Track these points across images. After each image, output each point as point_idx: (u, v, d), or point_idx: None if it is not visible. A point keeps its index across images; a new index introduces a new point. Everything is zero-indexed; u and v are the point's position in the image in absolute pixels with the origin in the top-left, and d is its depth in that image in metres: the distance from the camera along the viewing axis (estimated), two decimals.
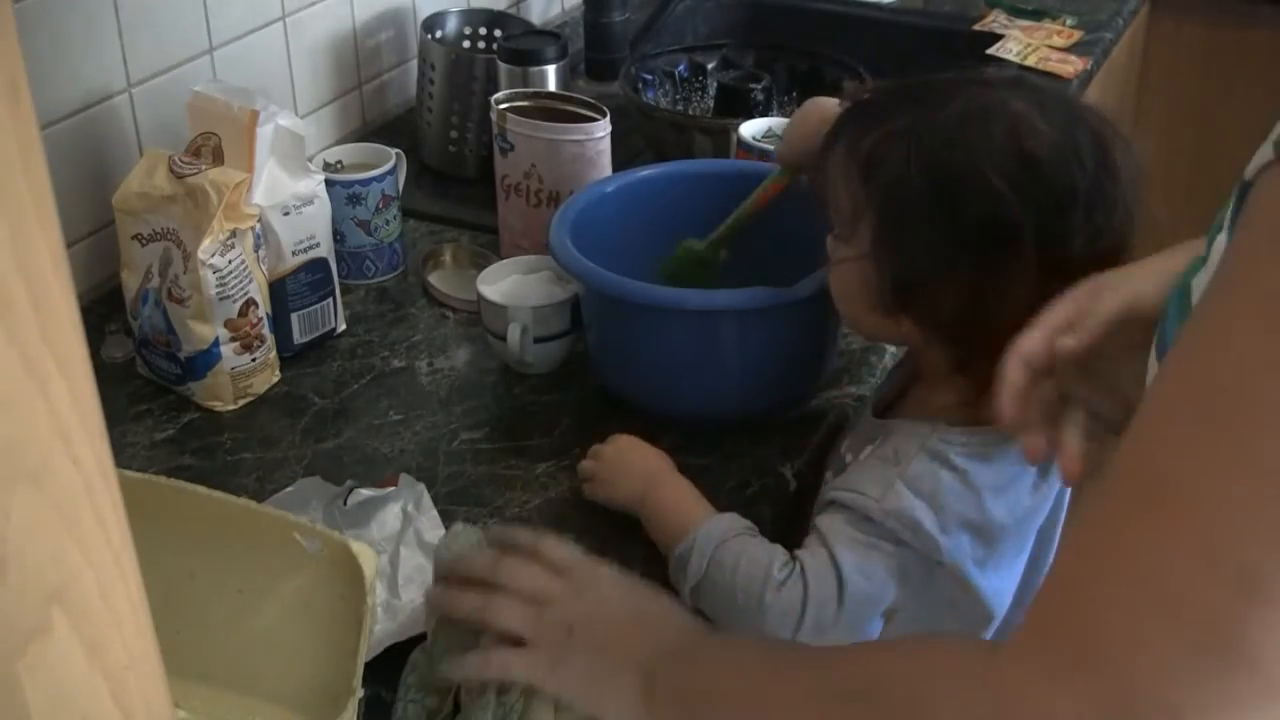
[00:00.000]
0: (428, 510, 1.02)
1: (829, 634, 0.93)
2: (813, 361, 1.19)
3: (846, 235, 0.98)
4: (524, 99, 1.37)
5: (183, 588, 0.84)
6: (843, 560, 0.93)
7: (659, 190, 1.29)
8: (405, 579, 0.97)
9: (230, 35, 1.44)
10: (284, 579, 0.84)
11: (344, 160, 1.42)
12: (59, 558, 0.41)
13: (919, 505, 0.93)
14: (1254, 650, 0.52)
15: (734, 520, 0.99)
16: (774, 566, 0.94)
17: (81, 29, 1.27)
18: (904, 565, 0.95)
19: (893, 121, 0.95)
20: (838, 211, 0.98)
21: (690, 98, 1.78)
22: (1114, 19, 2.01)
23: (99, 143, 1.31)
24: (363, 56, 1.66)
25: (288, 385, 1.24)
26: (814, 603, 0.92)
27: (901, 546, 0.94)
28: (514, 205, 1.36)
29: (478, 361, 1.28)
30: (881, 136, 0.94)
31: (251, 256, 1.17)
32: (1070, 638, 0.58)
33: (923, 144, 0.92)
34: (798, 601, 0.92)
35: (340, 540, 0.81)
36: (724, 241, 1.23)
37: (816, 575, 0.93)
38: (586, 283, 1.15)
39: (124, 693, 0.45)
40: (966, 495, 0.94)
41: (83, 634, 0.43)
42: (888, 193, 0.94)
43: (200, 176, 1.14)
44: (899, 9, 2.08)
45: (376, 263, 1.40)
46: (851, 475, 0.98)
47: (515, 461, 1.14)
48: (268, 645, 0.84)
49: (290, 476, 1.11)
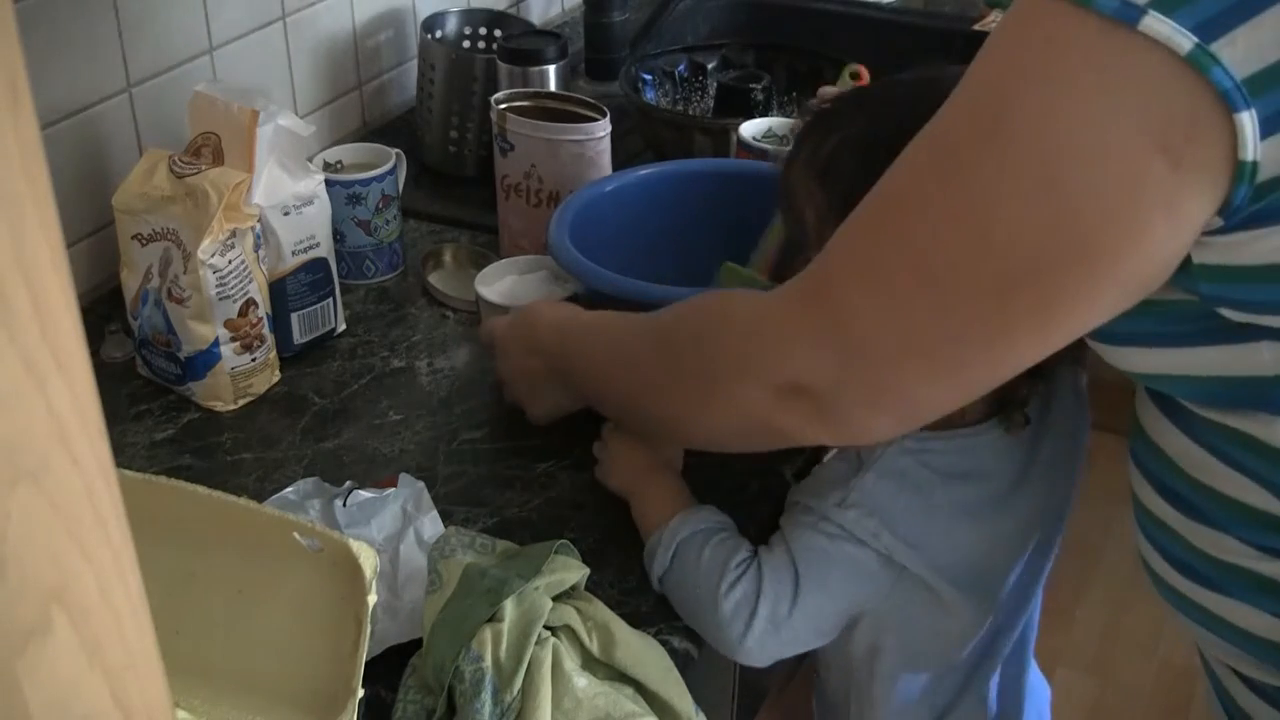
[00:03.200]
0: (428, 510, 1.02)
1: (783, 631, 0.94)
2: None
3: (814, 245, 0.94)
4: (524, 99, 1.37)
5: (183, 588, 0.84)
6: (800, 558, 0.94)
7: (658, 190, 1.29)
8: (405, 579, 0.97)
9: (230, 35, 1.44)
10: (284, 579, 0.83)
11: (344, 160, 1.42)
12: (59, 558, 0.41)
13: (879, 507, 0.94)
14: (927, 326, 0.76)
15: (708, 514, 1.00)
16: (732, 561, 0.95)
17: (81, 29, 1.27)
18: (865, 567, 0.95)
19: (848, 127, 0.95)
20: (803, 226, 0.97)
21: (690, 98, 1.78)
22: None
23: (99, 143, 1.31)
24: (363, 56, 1.66)
25: (288, 385, 1.24)
26: (767, 598, 0.94)
27: (862, 547, 0.94)
28: (514, 205, 1.36)
29: (478, 361, 1.28)
30: (838, 143, 0.94)
31: (251, 256, 1.17)
32: (820, 290, 0.80)
33: (879, 142, 0.90)
34: (751, 596, 0.94)
35: (340, 540, 0.81)
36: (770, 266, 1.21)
37: (773, 571, 0.94)
38: (586, 282, 1.15)
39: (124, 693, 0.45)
40: (928, 502, 0.94)
41: (83, 634, 0.43)
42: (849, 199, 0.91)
43: (200, 176, 1.14)
44: (899, 9, 2.08)
45: (376, 263, 1.40)
46: (815, 476, 0.99)
47: (515, 461, 1.14)
48: (268, 645, 0.84)
49: (290, 476, 1.11)
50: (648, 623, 0.96)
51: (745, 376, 0.84)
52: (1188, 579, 0.85)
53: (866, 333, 0.78)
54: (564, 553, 0.92)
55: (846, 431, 0.83)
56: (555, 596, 0.89)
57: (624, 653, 0.88)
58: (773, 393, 0.83)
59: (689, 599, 0.97)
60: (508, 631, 0.85)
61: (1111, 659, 2.28)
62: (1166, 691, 2.24)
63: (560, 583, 0.90)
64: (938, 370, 0.78)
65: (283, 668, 0.83)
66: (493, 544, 0.94)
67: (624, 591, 1.00)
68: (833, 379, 0.79)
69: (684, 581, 0.97)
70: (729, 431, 0.91)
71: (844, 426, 0.82)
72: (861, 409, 0.81)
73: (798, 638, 0.96)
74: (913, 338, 0.77)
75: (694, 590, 0.96)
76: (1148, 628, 2.34)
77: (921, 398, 0.80)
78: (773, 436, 0.87)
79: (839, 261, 0.80)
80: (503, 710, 0.83)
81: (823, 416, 0.82)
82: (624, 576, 1.01)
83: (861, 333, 0.78)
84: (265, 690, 0.83)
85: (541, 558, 0.90)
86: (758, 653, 0.95)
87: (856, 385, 0.80)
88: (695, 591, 0.96)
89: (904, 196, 0.77)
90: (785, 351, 0.82)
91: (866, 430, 0.82)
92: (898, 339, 0.77)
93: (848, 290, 0.78)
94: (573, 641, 0.88)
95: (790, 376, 0.81)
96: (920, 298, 0.75)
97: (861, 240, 0.79)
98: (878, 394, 0.80)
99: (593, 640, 0.88)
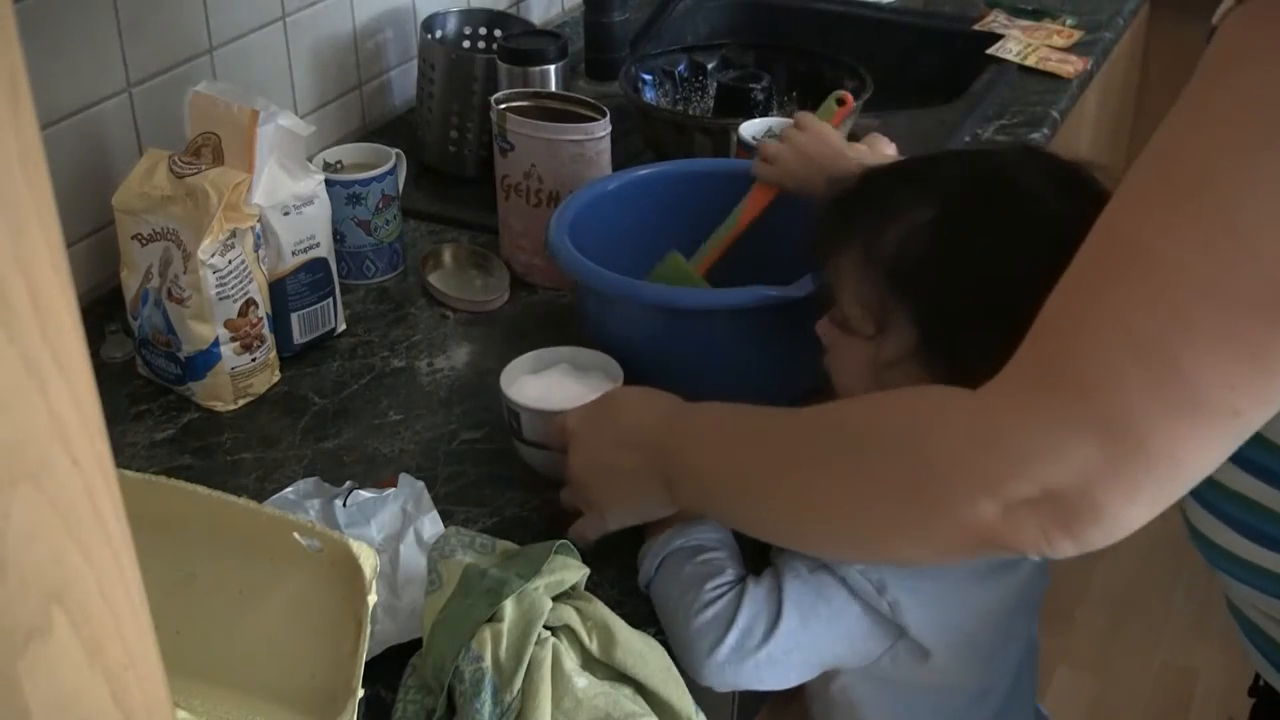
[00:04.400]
0: (428, 510, 1.02)
1: (746, 662, 0.91)
2: (811, 361, 1.19)
3: (868, 333, 0.93)
4: (524, 99, 1.37)
5: (183, 588, 0.84)
6: (787, 595, 0.92)
7: (658, 190, 1.29)
8: (405, 579, 0.97)
9: (230, 35, 1.44)
10: (284, 579, 0.83)
11: (344, 160, 1.42)
12: (59, 558, 0.41)
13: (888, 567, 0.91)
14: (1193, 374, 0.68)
15: (704, 530, 0.97)
16: (713, 581, 0.93)
17: (81, 28, 1.27)
18: (855, 627, 0.93)
19: (906, 214, 0.90)
20: (849, 305, 0.94)
21: (690, 98, 1.78)
22: (1114, 19, 2.01)
23: (99, 143, 1.31)
24: (363, 56, 1.66)
25: (288, 385, 1.24)
26: (739, 626, 0.91)
27: (855, 603, 0.92)
28: (514, 205, 1.36)
29: (477, 361, 1.28)
30: (905, 236, 0.90)
31: (251, 256, 1.17)
32: (1055, 374, 0.71)
33: (949, 242, 0.88)
34: (724, 619, 0.91)
35: (340, 540, 0.81)
36: (709, 265, 1.22)
37: (754, 601, 0.92)
38: (586, 282, 1.14)
39: (124, 693, 0.45)
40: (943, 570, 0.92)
41: (83, 634, 0.43)
42: (929, 302, 0.89)
43: (200, 176, 1.14)
44: (899, 9, 2.08)
45: (376, 263, 1.40)
46: None
47: (515, 461, 1.14)
48: (268, 645, 0.84)
49: (290, 476, 1.11)
50: (648, 623, 0.96)
51: (979, 492, 0.73)
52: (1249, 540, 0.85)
53: (1129, 402, 0.69)
54: (564, 553, 0.91)
55: (1096, 533, 0.72)
56: (555, 596, 0.89)
57: (624, 653, 0.88)
58: (1009, 506, 0.72)
59: (666, 612, 0.96)
60: (508, 631, 0.85)
61: (1111, 659, 2.28)
62: (1166, 691, 2.24)
63: (560, 583, 0.90)
64: (1213, 426, 0.70)
65: (283, 668, 0.83)
66: (493, 544, 0.94)
67: (624, 591, 1.00)
68: (1091, 471, 0.70)
69: (665, 592, 0.96)
70: (937, 551, 0.79)
71: (1092, 529, 0.72)
72: (1119, 500, 0.71)
73: (759, 674, 0.92)
74: (1180, 391, 0.68)
75: (671, 604, 0.95)
76: (1148, 628, 2.34)
77: (1189, 464, 0.71)
78: (989, 553, 0.76)
79: (1070, 333, 0.71)
80: (503, 710, 0.83)
81: (1069, 522, 0.71)
82: (624, 576, 1.01)
83: (1124, 403, 0.69)
84: (265, 690, 0.83)
85: (541, 558, 0.90)
86: (717, 677, 0.92)
87: (1119, 471, 0.70)
88: (670, 603, 0.95)
89: (1136, 239, 0.70)
90: (1033, 455, 0.71)
91: (1118, 527, 0.72)
92: (1163, 399, 0.69)
93: (1098, 358, 0.70)
94: (573, 641, 0.88)
95: (1042, 483, 0.71)
96: (1187, 344, 0.68)
97: (1098, 304, 0.71)
98: (1142, 474, 0.70)
99: (593, 640, 0.88)
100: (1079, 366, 0.70)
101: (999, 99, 1.76)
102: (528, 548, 0.94)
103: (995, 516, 0.73)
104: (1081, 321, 0.71)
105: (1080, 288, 0.72)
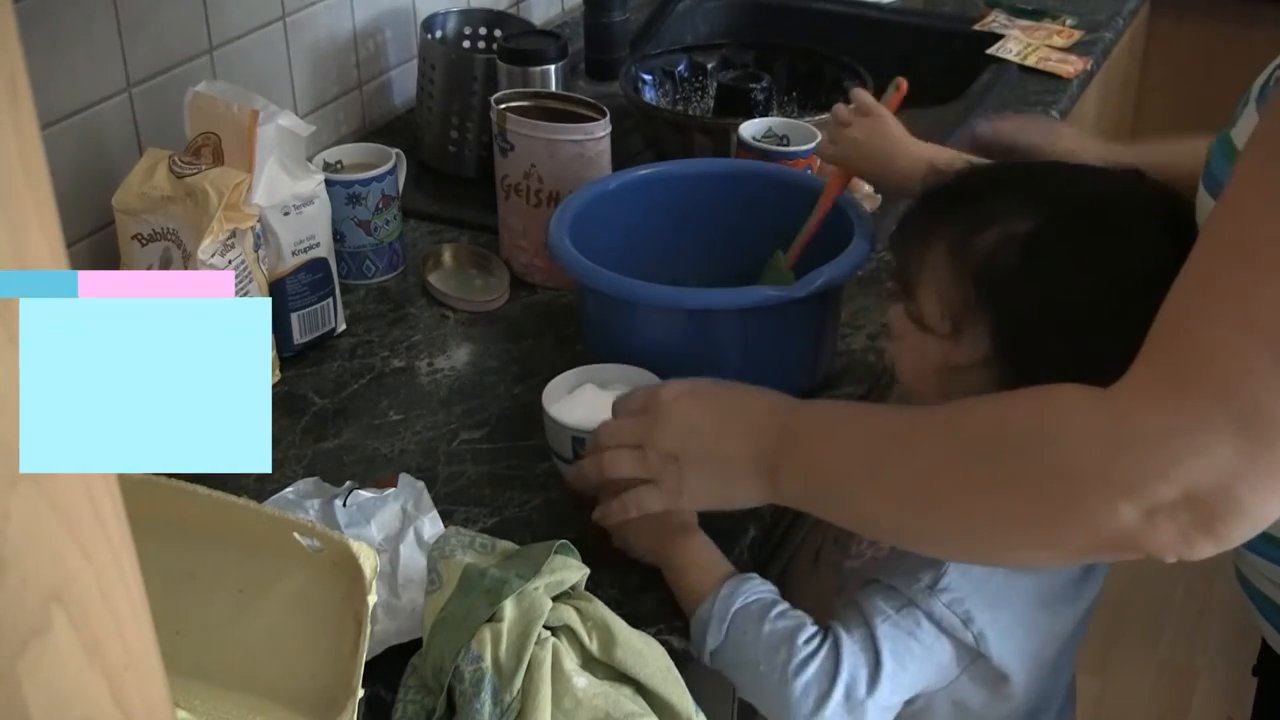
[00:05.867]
0: (428, 510, 1.02)
1: (854, 713, 0.91)
2: (811, 361, 1.19)
3: (943, 332, 0.92)
4: (524, 99, 1.37)
5: (183, 588, 0.84)
6: (882, 642, 0.91)
7: (658, 190, 1.29)
8: (405, 579, 0.97)
9: (230, 35, 1.44)
10: (284, 579, 0.83)
11: (344, 160, 1.42)
12: (59, 558, 0.41)
13: (972, 591, 0.91)
14: None
15: (758, 584, 0.96)
16: (800, 637, 0.91)
17: (81, 29, 1.27)
18: (941, 657, 0.93)
19: (1003, 222, 0.89)
20: (927, 300, 0.93)
21: (690, 98, 1.78)
22: (1114, 19, 2.01)
23: (99, 143, 1.31)
24: (363, 56, 1.66)
25: (288, 385, 1.24)
26: (844, 679, 0.90)
27: (942, 638, 0.92)
28: (514, 205, 1.36)
29: (478, 361, 1.28)
30: (997, 244, 0.89)
31: (251, 256, 1.17)
32: (1185, 368, 0.72)
33: (1040, 259, 0.88)
34: (828, 676, 0.90)
35: (340, 540, 0.81)
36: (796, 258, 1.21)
37: (852, 652, 0.91)
38: (585, 282, 1.14)
39: (124, 693, 0.45)
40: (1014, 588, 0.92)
41: (83, 634, 0.43)
42: (1009, 314, 0.88)
43: (200, 176, 1.14)
44: (899, 9, 2.08)
45: (376, 263, 1.40)
46: (899, 555, 0.95)
47: (515, 461, 1.14)
48: (268, 645, 0.84)
49: (290, 476, 1.11)
50: (648, 623, 0.96)
51: (1119, 496, 0.72)
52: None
53: (1262, 396, 0.69)
54: (564, 553, 0.91)
55: (1237, 531, 0.72)
56: (555, 596, 0.89)
57: (624, 652, 0.88)
58: (1150, 511, 0.72)
59: (750, 675, 0.93)
60: (507, 631, 0.85)
61: (1111, 659, 2.28)
62: (1167, 691, 2.24)
63: (560, 583, 0.90)
64: None
65: (283, 668, 0.83)
66: (493, 544, 0.93)
67: (624, 591, 1.00)
68: (1231, 469, 0.70)
69: (744, 659, 0.93)
70: (1065, 553, 0.80)
71: (1235, 527, 0.72)
72: (1261, 495, 0.71)
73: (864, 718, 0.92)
74: None
75: (756, 667, 0.92)
76: (1148, 628, 2.34)
77: None
78: (1116, 556, 0.77)
79: (1198, 329, 0.72)
80: (502, 710, 0.83)
81: (1212, 523, 0.72)
82: (624, 576, 1.01)
83: (1257, 398, 0.69)
84: (265, 690, 0.83)
85: (541, 558, 0.90)
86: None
87: (1258, 465, 0.70)
88: (758, 669, 0.92)
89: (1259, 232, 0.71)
90: (1175, 457, 0.71)
91: (1259, 522, 0.72)
92: None
93: (1228, 353, 0.70)
94: (572, 641, 0.88)
95: (1184, 485, 0.71)
96: None
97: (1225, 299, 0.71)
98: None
99: (593, 640, 0.88)
100: (1211, 363, 0.71)
101: (999, 99, 1.76)
102: (528, 548, 0.93)
103: (1135, 520, 0.72)
104: (1209, 317, 0.71)
105: (1205, 283, 0.73)
